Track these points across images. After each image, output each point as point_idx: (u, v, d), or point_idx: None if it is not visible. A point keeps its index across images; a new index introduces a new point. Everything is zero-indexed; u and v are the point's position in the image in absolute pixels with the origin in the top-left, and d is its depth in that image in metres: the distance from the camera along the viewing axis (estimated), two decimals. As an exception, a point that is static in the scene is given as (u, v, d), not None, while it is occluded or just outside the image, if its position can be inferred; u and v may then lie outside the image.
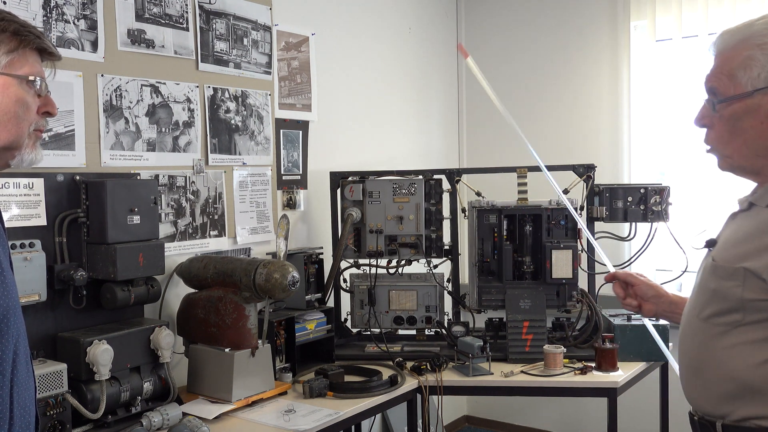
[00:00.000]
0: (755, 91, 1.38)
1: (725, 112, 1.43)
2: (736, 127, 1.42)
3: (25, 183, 2.33)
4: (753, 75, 1.38)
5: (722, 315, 1.43)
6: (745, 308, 1.39)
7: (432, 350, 3.07)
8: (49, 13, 2.45)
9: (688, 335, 1.53)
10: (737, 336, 1.41)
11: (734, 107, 1.42)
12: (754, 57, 1.38)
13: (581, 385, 2.78)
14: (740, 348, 1.40)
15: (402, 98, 4.24)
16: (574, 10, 4.30)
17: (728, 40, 1.44)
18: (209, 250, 2.99)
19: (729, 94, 1.42)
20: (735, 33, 1.44)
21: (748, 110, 1.40)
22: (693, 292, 1.56)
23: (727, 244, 1.48)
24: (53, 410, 2.11)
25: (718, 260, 1.45)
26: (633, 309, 1.91)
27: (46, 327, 2.35)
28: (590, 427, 4.18)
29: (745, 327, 1.40)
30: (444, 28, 4.60)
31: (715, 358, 1.44)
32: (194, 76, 2.95)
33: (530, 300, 2.99)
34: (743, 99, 1.40)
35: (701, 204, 3.78)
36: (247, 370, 2.54)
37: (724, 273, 1.42)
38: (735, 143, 1.44)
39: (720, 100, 1.43)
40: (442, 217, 3.21)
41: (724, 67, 1.43)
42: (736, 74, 1.40)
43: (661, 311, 1.86)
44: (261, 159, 3.25)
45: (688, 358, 1.53)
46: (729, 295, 1.41)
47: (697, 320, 1.49)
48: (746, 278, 1.38)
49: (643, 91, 4.04)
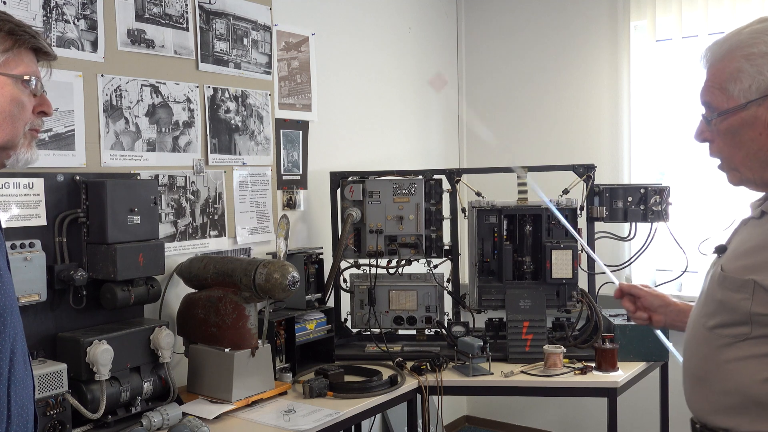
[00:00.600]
0: (748, 103, 1.35)
1: (722, 126, 1.40)
2: (735, 140, 1.39)
3: (25, 183, 2.33)
4: (744, 87, 1.35)
5: (729, 327, 1.39)
6: (753, 322, 1.34)
7: (432, 350, 3.07)
8: (49, 13, 2.46)
9: (693, 343, 1.50)
10: (744, 349, 1.36)
11: (730, 121, 1.38)
12: (743, 69, 1.35)
13: (581, 385, 2.78)
14: (747, 362, 1.36)
15: (402, 98, 4.24)
16: (574, 10, 4.30)
17: (716, 51, 1.40)
18: (209, 250, 2.99)
19: (723, 107, 1.38)
20: (722, 44, 1.40)
21: (744, 123, 1.37)
22: (699, 298, 1.52)
23: (736, 253, 1.43)
24: (53, 410, 2.11)
25: (727, 270, 1.40)
26: (643, 322, 1.86)
27: (46, 327, 2.35)
28: (590, 427, 4.18)
29: (752, 341, 1.35)
30: (444, 28, 4.60)
31: (720, 370, 1.40)
32: (194, 76, 2.95)
33: (530, 300, 2.99)
34: (738, 112, 1.36)
35: (701, 204, 3.78)
36: (247, 370, 2.54)
37: (732, 284, 1.37)
38: (738, 157, 1.40)
39: (715, 115, 1.40)
40: (442, 217, 3.21)
41: (715, 81, 1.40)
42: (727, 87, 1.37)
43: (671, 321, 1.81)
44: (261, 159, 3.25)
45: (693, 366, 1.49)
46: (737, 308, 1.36)
47: (703, 329, 1.45)
48: (756, 291, 1.33)
49: (643, 91, 4.04)
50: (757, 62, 1.34)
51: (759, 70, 1.34)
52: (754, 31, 1.37)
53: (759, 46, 1.34)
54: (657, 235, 3.14)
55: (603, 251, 3.35)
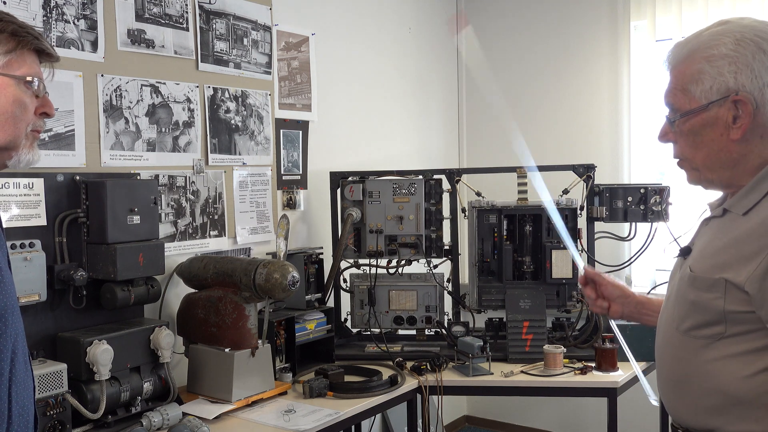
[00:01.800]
0: (710, 104, 1.37)
1: (684, 127, 1.42)
2: (697, 141, 1.41)
3: (25, 183, 2.33)
4: (705, 88, 1.37)
5: (703, 327, 1.39)
6: (727, 320, 1.35)
7: (432, 350, 3.07)
8: (49, 13, 2.46)
9: (667, 348, 1.49)
10: (721, 349, 1.37)
11: (692, 122, 1.40)
12: (703, 70, 1.36)
13: (581, 385, 2.78)
14: (726, 361, 1.36)
15: (402, 98, 4.24)
16: (574, 10, 4.30)
17: (678, 53, 1.42)
18: (209, 250, 2.99)
19: (685, 108, 1.40)
20: (684, 46, 1.42)
21: (705, 123, 1.39)
22: (668, 302, 1.51)
23: (704, 253, 1.44)
24: (53, 410, 2.11)
25: (696, 271, 1.41)
26: (602, 311, 1.84)
27: (46, 327, 2.35)
28: (590, 427, 4.18)
29: (728, 339, 1.35)
30: (444, 28, 4.59)
31: (699, 372, 1.40)
32: (194, 76, 2.95)
33: (530, 300, 3.00)
34: (699, 113, 1.38)
35: (701, 204, 3.76)
36: (247, 370, 2.54)
37: (703, 284, 1.38)
38: (699, 157, 1.43)
39: (678, 116, 1.42)
40: (442, 217, 3.21)
41: (678, 82, 1.41)
42: (689, 88, 1.39)
43: (628, 312, 1.80)
44: (261, 159, 3.25)
45: (669, 371, 1.48)
46: (710, 307, 1.37)
47: (676, 332, 1.45)
48: (727, 290, 1.34)
49: (643, 91, 4.04)
50: (717, 63, 1.36)
51: (719, 72, 1.36)
52: (714, 33, 1.38)
53: (719, 48, 1.36)
54: (657, 235, 3.14)
55: (603, 251, 3.35)
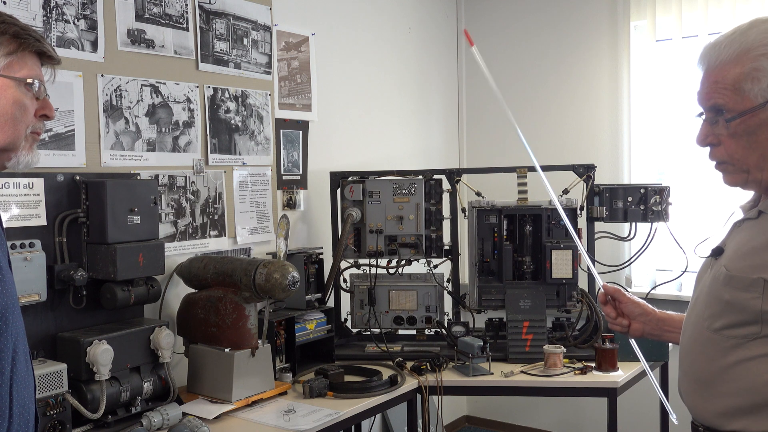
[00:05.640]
0: (767, 102, 1.35)
1: (739, 128, 1.38)
2: (751, 141, 1.38)
3: (25, 183, 2.33)
4: (763, 86, 1.34)
5: (737, 327, 1.38)
6: (763, 320, 1.34)
7: (432, 350, 3.07)
8: (49, 13, 2.46)
9: (695, 347, 1.48)
10: (754, 349, 1.36)
11: (748, 122, 1.37)
12: (761, 68, 1.34)
13: (581, 385, 2.78)
14: (758, 361, 1.36)
15: (402, 98, 4.24)
16: (574, 10, 4.30)
17: (723, 53, 1.39)
18: (209, 250, 2.99)
19: (739, 109, 1.37)
20: (728, 45, 1.39)
21: (762, 123, 1.36)
22: (697, 301, 1.51)
23: (739, 253, 1.43)
24: (53, 410, 2.11)
25: (732, 270, 1.40)
26: (623, 330, 1.81)
27: (46, 327, 2.35)
28: (590, 427, 4.19)
29: (762, 339, 1.35)
30: (444, 28, 4.60)
31: (728, 372, 1.40)
32: (194, 76, 2.95)
33: (530, 300, 2.99)
34: (756, 112, 1.36)
35: (701, 204, 3.78)
36: (247, 370, 2.54)
37: (740, 284, 1.37)
38: (753, 158, 1.39)
39: (732, 117, 1.38)
40: (442, 217, 3.21)
41: (726, 82, 1.38)
42: (742, 87, 1.36)
43: (650, 330, 1.79)
44: (261, 159, 3.25)
45: (696, 371, 1.48)
46: (747, 307, 1.36)
47: (707, 332, 1.44)
48: (765, 290, 1.33)
49: (643, 91, 4.04)
50: None
51: None
52: (763, 31, 1.37)
53: None
54: (657, 235, 3.14)
55: (603, 251, 3.35)
